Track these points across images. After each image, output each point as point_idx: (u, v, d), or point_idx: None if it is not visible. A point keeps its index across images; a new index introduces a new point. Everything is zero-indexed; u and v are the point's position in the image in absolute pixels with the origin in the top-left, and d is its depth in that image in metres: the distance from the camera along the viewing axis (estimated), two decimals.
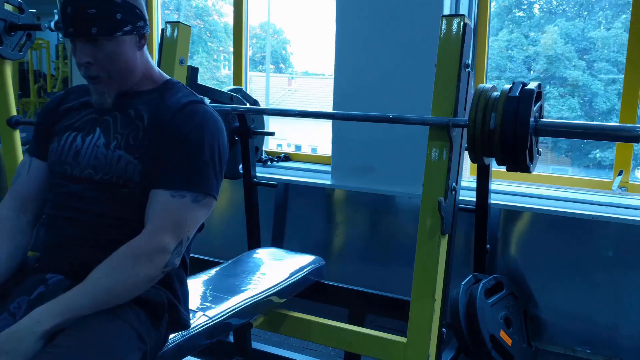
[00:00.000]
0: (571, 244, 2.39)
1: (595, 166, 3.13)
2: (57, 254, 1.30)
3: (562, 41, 3.00)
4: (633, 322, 2.32)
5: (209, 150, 1.30)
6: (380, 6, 2.64)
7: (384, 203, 2.78)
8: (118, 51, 1.28)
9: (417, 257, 1.68)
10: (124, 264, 1.20)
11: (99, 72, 1.28)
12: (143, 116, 1.32)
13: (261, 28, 5.82)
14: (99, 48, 1.26)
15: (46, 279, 1.26)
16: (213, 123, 1.34)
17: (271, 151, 3.39)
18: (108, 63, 1.28)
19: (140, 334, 1.22)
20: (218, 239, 3.23)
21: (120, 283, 1.18)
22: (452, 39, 1.65)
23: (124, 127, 1.32)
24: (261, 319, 1.95)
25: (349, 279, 2.39)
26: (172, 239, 1.24)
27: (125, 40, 1.29)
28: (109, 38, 1.25)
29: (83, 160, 1.30)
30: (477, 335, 2.01)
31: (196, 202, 1.28)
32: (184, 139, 1.28)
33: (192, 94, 1.39)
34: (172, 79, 1.44)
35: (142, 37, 1.33)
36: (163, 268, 1.24)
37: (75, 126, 1.36)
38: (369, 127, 2.56)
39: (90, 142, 1.31)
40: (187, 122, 1.30)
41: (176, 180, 1.26)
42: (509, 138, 1.58)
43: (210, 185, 1.30)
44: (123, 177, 1.28)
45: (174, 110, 1.31)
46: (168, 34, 2.25)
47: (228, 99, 2.45)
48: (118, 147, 1.29)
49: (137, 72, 1.34)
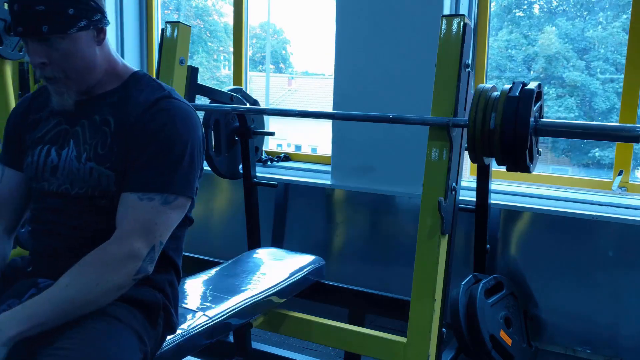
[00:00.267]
0: (571, 244, 2.39)
1: (595, 165, 3.13)
2: (46, 263, 1.28)
3: (561, 41, 3.00)
4: (633, 322, 2.31)
5: (180, 148, 1.22)
6: (380, 6, 2.64)
7: (384, 203, 2.78)
8: (74, 49, 1.19)
9: (417, 257, 1.68)
10: (91, 271, 1.14)
11: (55, 73, 1.20)
12: (109, 121, 1.25)
13: (261, 28, 5.82)
14: (53, 47, 1.17)
15: (38, 282, 1.24)
16: (182, 118, 1.25)
17: (271, 151, 3.39)
18: (64, 62, 1.19)
19: (140, 335, 1.21)
20: (218, 239, 3.23)
21: (87, 291, 1.13)
22: (452, 39, 1.65)
23: (92, 137, 1.25)
24: (261, 319, 1.95)
25: (349, 279, 2.39)
26: (143, 245, 1.17)
27: (81, 37, 1.19)
28: (62, 36, 1.16)
29: (61, 177, 1.25)
30: (477, 335, 2.01)
31: (166, 204, 1.20)
32: (152, 137, 1.21)
33: (160, 87, 1.31)
34: (139, 72, 1.35)
35: (100, 31, 1.24)
36: (134, 275, 1.17)
37: (46, 139, 1.29)
38: (369, 127, 2.56)
39: (67, 157, 1.25)
40: (154, 120, 1.22)
41: (144, 182, 1.20)
42: (509, 138, 1.58)
43: (182, 185, 1.23)
44: (98, 189, 1.23)
45: (141, 110, 1.24)
46: (168, 34, 2.25)
47: (228, 99, 2.45)
48: (88, 159, 1.23)
49: (98, 69, 1.26)
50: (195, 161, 1.26)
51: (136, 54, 3.74)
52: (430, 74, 1.72)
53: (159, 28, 3.73)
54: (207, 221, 3.25)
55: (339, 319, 2.01)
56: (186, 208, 1.28)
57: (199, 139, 1.28)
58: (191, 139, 1.25)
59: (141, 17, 3.71)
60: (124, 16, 3.60)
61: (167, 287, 1.33)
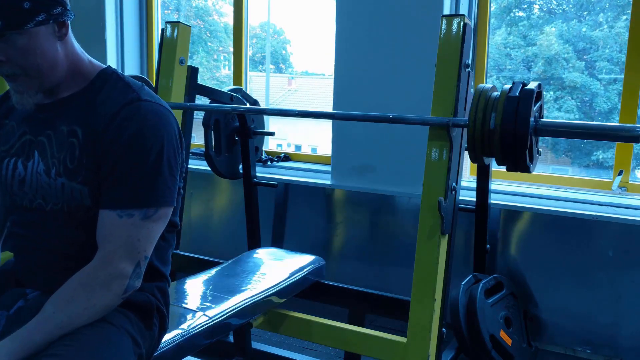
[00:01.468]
0: (571, 244, 2.39)
1: (596, 166, 3.13)
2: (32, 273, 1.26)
3: (561, 42, 3.00)
4: (633, 322, 2.31)
5: (155, 155, 1.16)
6: (380, 6, 2.64)
7: (384, 203, 2.78)
8: (32, 46, 1.12)
9: (417, 257, 1.68)
10: (78, 296, 1.11)
11: (14, 70, 1.13)
12: (76, 131, 1.18)
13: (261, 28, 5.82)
14: (9, 44, 1.10)
15: (26, 293, 1.23)
16: (155, 121, 1.18)
17: (271, 151, 3.39)
18: (22, 59, 1.12)
19: (135, 338, 1.20)
20: (218, 239, 3.23)
21: (75, 316, 1.11)
22: (452, 39, 1.65)
23: (59, 150, 1.19)
24: (261, 319, 1.95)
25: (349, 279, 2.39)
26: (127, 263, 1.15)
27: (40, 32, 1.12)
28: (18, 31, 1.09)
29: (30, 191, 1.21)
30: (477, 335, 2.01)
31: (146, 218, 1.16)
32: (123, 149, 1.14)
33: (128, 88, 1.21)
34: (106, 69, 1.26)
35: (62, 25, 1.16)
36: (122, 294, 1.16)
37: (12, 152, 1.25)
38: (369, 127, 2.56)
39: (33, 170, 1.20)
40: (124, 128, 1.15)
41: (121, 198, 1.15)
42: (509, 138, 1.58)
43: (161, 195, 1.17)
44: (73, 204, 1.18)
45: (109, 118, 1.16)
46: (168, 34, 2.25)
47: (228, 99, 2.45)
48: (58, 174, 1.18)
49: (61, 66, 1.18)
50: (173, 165, 1.20)
51: (136, 54, 3.74)
52: (430, 74, 1.72)
53: (159, 28, 3.73)
54: (207, 221, 3.25)
55: (339, 319, 2.01)
56: (168, 217, 1.23)
57: (173, 140, 1.21)
58: (166, 142, 1.18)
59: (141, 17, 3.71)
60: (124, 16, 3.60)
61: (156, 292, 1.31)
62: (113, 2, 3.57)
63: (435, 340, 1.69)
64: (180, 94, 2.34)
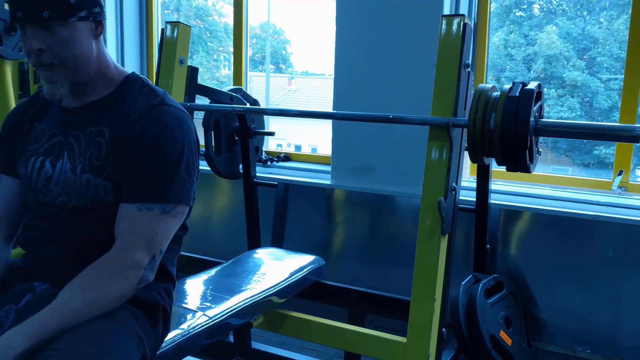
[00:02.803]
0: (571, 244, 2.39)
1: (597, 164, 3.13)
2: (42, 268, 1.28)
3: (562, 40, 3.00)
4: (633, 322, 2.31)
5: (176, 156, 1.23)
6: (380, 6, 2.63)
7: (384, 203, 2.78)
8: (72, 38, 1.19)
9: (417, 257, 1.68)
10: (95, 283, 1.15)
11: (52, 60, 1.19)
12: (104, 131, 1.25)
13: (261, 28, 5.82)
14: (52, 34, 1.17)
15: (34, 287, 1.24)
16: (177, 125, 1.26)
17: (271, 151, 3.39)
18: (62, 50, 1.18)
19: (139, 336, 1.21)
20: (218, 239, 3.23)
21: (91, 303, 1.14)
22: (452, 39, 1.65)
23: (86, 149, 1.26)
24: (261, 319, 1.95)
25: (349, 279, 2.39)
26: (144, 255, 1.20)
27: (80, 27, 1.20)
28: (62, 23, 1.17)
29: (55, 189, 1.26)
30: (477, 335, 2.01)
31: (165, 213, 1.22)
32: (147, 148, 1.22)
33: (153, 93, 1.30)
34: (132, 75, 1.34)
35: (98, 24, 1.25)
36: (137, 285, 1.20)
37: (41, 151, 1.30)
38: (369, 127, 2.56)
39: (61, 169, 1.26)
40: (148, 129, 1.23)
41: (142, 192, 1.21)
42: (509, 138, 1.58)
43: (180, 193, 1.24)
44: (97, 200, 1.24)
45: (134, 119, 1.24)
46: (168, 34, 2.25)
47: (228, 99, 2.45)
48: (84, 170, 1.24)
49: (93, 63, 1.25)
50: (191, 168, 1.27)
51: (136, 54, 3.74)
52: (430, 74, 1.72)
53: (159, 28, 3.73)
54: (207, 221, 3.25)
55: (339, 319, 2.01)
56: (184, 215, 1.29)
57: (193, 144, 1.29)
58: (186, 145, 1.26)
59: (141, 17, 3.71)
60: (124, 16, 3.60)
61: (163, 292, 1.35)
62: (113, 2, 3.57)
63: (435, 340, 1.69)
64: (180, 94, 2.34)
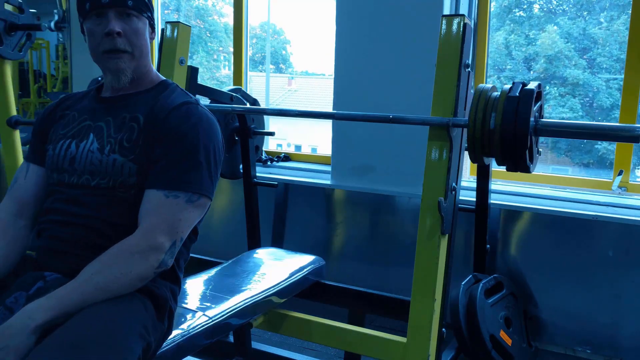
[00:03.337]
0: (571, 244, 2.39)
1: (597, 164, 3.13)
2: (55, 258, 1.30)
3: (562, 40, 3.00)
4: (633, 322, 2.31)
5: (204, 151, 1.30)
6: (380, 6, 2.64)
7: (384, 203, 2.78)
8: (142, 30, 1.33)
9: (417, 257, 1.68)
10: (117, 261, 1.19)
11: (125, 46, 1.31)
12: (138, 117, 1.33)
13: (261, 28, 5.82)
14: (129, 22, 1.30)
15: (44, 275, 1.26)
16: (208, 124, 1.34)
17: (271, 151, 3.39)
18: (134, 38, 1.31)
19: (145, 324, 1.22)
20: (218, 239, 3.23)
21: (112, 280, 1.18)
22: (452, 39, 1.65)
23: (117, 131, 1.32)
24: (261, 319, 1.95)
25: (349, 279, 2.39)
26: (166, 239, 1.24)
27: (146, 24, 1.35)
28: (138, 15, 1.31)
29: (79, 167, 1.31)
30: (477, 335, 2.01)
31: (190, 202, 1.27)
32: (178, 138, 1.29)
33: (187, 94, 1.40)
34: (168, 80, 1.45)
35: (153, 29, 1.39)
36: (156, 268, 1.24)
37: (69, 135, 1.37)
38: (369, 127, 2.56)
39: (84, 148, 1.32)
40: (182, 122, 1.30)
41: (170, 180, 1.26)
42: (509, 138, 1.58)
43: (205, 185, 1.30)
44: (119, 180, 1.29)
45: (169, 109, 1.32)
46: (168, 34, 2.25)
47: (228, 99, 2.45)
48: (112, 151, 1.30)
49: (149, 60, 1.38)
50: (217, 165, 1.34)
51: None
52: (430, 74, 1.72)
53: (159, 28, 3.73)
54: (207, 221, 3.22)
55: (339, 319, 2.01)
56: (206, 208, 1.34)
57: (221, 145, 1.36)
58: (214, 144, 1.33)
59: None
60: None
61: (170, 292, 1.36)
62: None
63: (435, 340, 1.69)
64: None
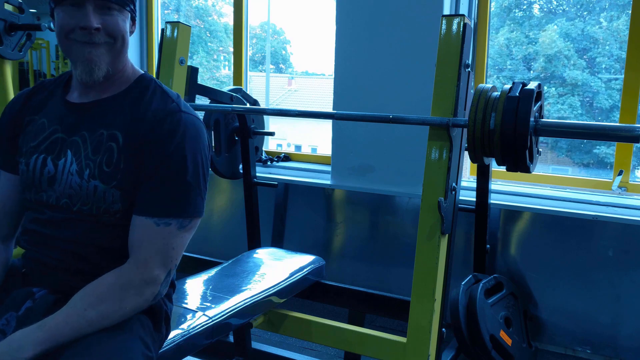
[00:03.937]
0: (571, 244, 2.39)
1: (597, 164, 3.13)
2: (42, 272, 1.26)
3: (561, 40, 3.00)
4: (633, 322, 2.31)
5: (192, 167, 1.21)
6: (380, 6, 2.63)
7: (384, 203, 2.78)
8: (122, 24, 1.24)
9: (417, 257, 1.68)
10: (111, 296, 1.14)
11: (104, 39, 1.21)
12: (116, 136, 1.21)
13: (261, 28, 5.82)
14: (109, 16, 1.21)
15: (33, 292, 1.23)
16: (193, 132, 1.23)
17: (271, 151, 3.39)
18: (114, 30, 1.22)
19: (146, 342, 1.21)
20: (218, 239, 3.23)
21: (105, 316, 1.14)
22: (452, 39, 1.65)
23: (95, 152, 1.21)
24: (261, 319, 1.95)
25: (349, 279, 2.39)
26: (161, 271, 1.19)
27: (127, 17, 1.26)
28: (120, 9, 1.23)
29: (58, 189, 1.22)
30: (477, 335, 2.01)
31: (182, 228, 1.21)
32: (164, 159, 1.19)
33: (167, 97, 1.27)
34: (145, 76, 1.32)
35: (133, 22, 1.30)
36: (151, 301, 1.20)
37: (42, 148, 1.26)
38: (369, 127, 2.56)
39: (64, 169, 1.22)
40: (166, 141, 1.19)
41: (160, 208, 1.19)
42: (509, 138, 1.58)
43: (196, 206, 1.23)
44: (103, 207, 1.20)
45: (151, 126, 1.21)
46: (168, 34, 2.25)
47: (228, 99, 2.45)
48: (92, 176, 1.20)
49: (126, 55, 1.28)
50: (205, 179, 1.27)
51: (136, 54, 3.74)
52: (430, 74, 1.72)
53: (159, 28, 3.73)
54: (207, 221, 3.25)
55: (339, 319, 2.01)
56: (197, 226, 1.28)
57: (206, 151, 1.28)
58: (202, 156, 1.25)
59: (141, 17, 3.71)
60: None
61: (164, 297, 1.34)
62: None
63: (435, 340, 1.69)
64: (180, 94, 2.34)
